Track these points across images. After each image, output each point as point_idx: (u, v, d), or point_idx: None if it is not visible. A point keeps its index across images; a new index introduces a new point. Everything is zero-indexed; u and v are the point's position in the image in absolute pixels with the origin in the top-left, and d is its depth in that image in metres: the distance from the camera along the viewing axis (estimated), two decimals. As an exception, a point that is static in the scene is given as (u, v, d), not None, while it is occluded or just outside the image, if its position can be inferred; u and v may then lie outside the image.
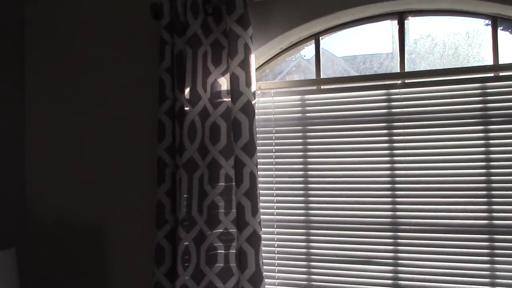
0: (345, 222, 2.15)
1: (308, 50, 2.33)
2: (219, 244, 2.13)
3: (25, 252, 2.59)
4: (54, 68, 2.57)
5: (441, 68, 2.08)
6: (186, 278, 2.10)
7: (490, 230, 1.99)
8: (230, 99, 2.12)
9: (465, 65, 2.13)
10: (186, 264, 2.11)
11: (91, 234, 2.48)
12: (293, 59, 2.39)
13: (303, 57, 2.39)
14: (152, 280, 2.25)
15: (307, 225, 2.20)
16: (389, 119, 2.10)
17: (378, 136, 2.12)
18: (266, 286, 2.14)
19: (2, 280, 1.96)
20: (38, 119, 2.60)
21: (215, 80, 2.14)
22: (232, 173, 2.12)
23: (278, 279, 2.23)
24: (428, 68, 2.15)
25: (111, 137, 2.46)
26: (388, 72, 2.21)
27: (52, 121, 2.57)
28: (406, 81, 2.12)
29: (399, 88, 2.10)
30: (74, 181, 2.52)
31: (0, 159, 2.52)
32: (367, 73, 2.23)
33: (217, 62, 2.15)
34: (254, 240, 2.06)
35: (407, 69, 2.16)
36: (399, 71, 2.16)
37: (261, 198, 2.18)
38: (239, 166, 2.06)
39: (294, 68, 2.41)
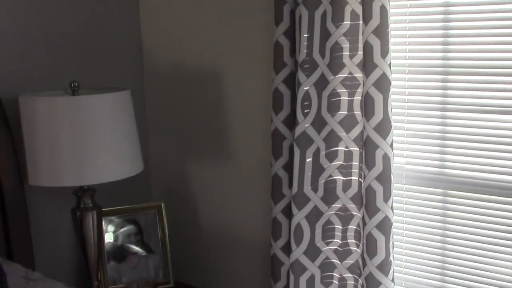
0: (490, 65, 1.84)
1: None
2: (342, 90, 1.93)
3: (143, 96, 2.59)
4: None
5: None
6: (306, 125, 1.97)
7: None
8: None
9: None
10: (306, 111, 1.97)
11: (207, 78, 2.41)
12: None
13: None
14: (269, 124, 2.15)
15: (444, 69, 1.92)
16: None
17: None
18: (393, 136, 1.96)
19: (120, 122, 1.95)
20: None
21: None
22: (359, 9, 1.87)
23: (407, 129, 2.02)
24: None
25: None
26: None
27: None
28: None
29: None
30: (190, 24, 2.43)
31: (114, 4, 2.46)
32: None
33: None
34: (383, 84, 1.85)
35: None
36: None
37: (391, 39, 1.92)
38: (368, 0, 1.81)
39: None
